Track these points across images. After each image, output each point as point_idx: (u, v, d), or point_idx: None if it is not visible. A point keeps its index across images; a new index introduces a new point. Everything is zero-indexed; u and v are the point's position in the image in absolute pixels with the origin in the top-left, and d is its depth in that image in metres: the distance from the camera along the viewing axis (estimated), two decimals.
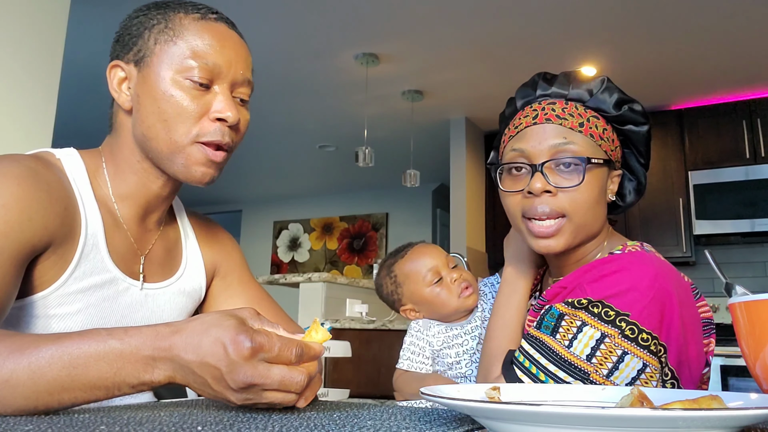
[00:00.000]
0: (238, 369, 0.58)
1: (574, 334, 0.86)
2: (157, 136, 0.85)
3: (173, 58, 0.84)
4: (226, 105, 0.85)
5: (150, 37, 0.86)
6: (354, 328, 3.15)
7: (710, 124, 4.20)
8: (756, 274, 4.18)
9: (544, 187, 0.92)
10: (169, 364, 0.61)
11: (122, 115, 0.90)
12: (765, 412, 0.42)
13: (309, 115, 4.87)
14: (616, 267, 0.89)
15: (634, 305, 0.85)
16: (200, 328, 0.60)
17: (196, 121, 0.84)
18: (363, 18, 3.41)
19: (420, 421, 0.59)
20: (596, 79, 0.98)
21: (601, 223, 0.98)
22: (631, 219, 4.29)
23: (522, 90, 1.02)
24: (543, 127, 0.95)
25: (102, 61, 4.02)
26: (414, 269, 1.20)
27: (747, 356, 0.62)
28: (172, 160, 0.85)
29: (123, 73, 0.88)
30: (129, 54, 0.88)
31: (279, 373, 0.59)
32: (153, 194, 0.92)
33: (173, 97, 0.83)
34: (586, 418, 0.43)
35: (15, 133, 2.31)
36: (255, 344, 0.58)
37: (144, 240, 0.94)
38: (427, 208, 6.85)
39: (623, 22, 3.38)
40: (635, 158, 1.02)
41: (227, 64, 0.86)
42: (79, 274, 0.83)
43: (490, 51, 3.75)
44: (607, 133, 0.96)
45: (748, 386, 3.28)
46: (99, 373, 0.60)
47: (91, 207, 0.86)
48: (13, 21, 2.29)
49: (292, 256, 7.56)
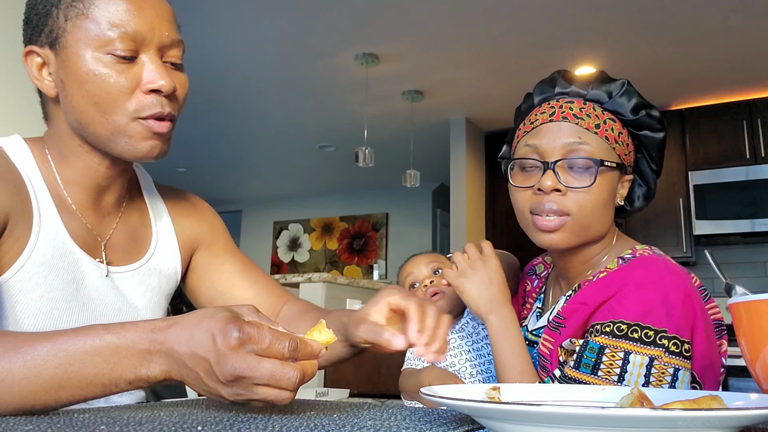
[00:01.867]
0: (225, 360, 0.56)
1: (620, 366, 0.84)
2: (92, 121, 0.80)
3: (88, 34, 0.77)
4: (158, 74, 0.78)
5: (59, 14, 0.79)
6: None
7: (711, 124, 4.20)
8: (756, 274, 4.17)
9: (555, 186, 0.91)
10: (164, 358, 0.59)
11: (51, 102, 0.85)
12: (765, 412, 0.42)
13: (309, 115, 4.87)
14: (640, 279, 0.87)
15: (670, 319, 0.84)
16: (194, 320, 0.59)
17: (129, 97, 0.78)
18: (363, 18, 3.41)
19: (420, 421, 0.59)
20: (617, 82, 0.97)
21: (607, 225, 0.97)
22: (631, 219, 4.28)
23: (540, 86, 1.02)
24: (559, 125, 0.94)
25: None
26: (401, 277, 1.27)
27: (747, 356, 0.62)
28: (115, 141, 0.80)
29: (40, 58, 0.82)
30: (41, 36, 0.81)
31: (269, 367, 0.56)
32: (101, 176, 0.87)
33: (99, 76, 0.77)
34: (586, 418, 0.43)
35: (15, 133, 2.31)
36: (243, 335, 0.56)
37: (103, 225, 0.91)
38: (427, 208, 6.85)
39: (623, 22, 3.38)
40: (647, 164, 1.02)
41: (149, 28, 0.78)
42: (39, 257, 0.81)
43: (490, 51, 3.75)
44: (622, 136, 0.96)
45: (748, 386, 3.28)
46: (95, 369, 0.59)
47: (41, 191, 0.84)
48: (13, 21, 2.29)
49: (292, 257, 7.56)
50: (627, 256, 0.95)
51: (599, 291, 0.91)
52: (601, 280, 0.93)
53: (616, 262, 0.96)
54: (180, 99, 0.84)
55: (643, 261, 0.92)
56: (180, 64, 0.84)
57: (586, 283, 0.97)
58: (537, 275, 1.17)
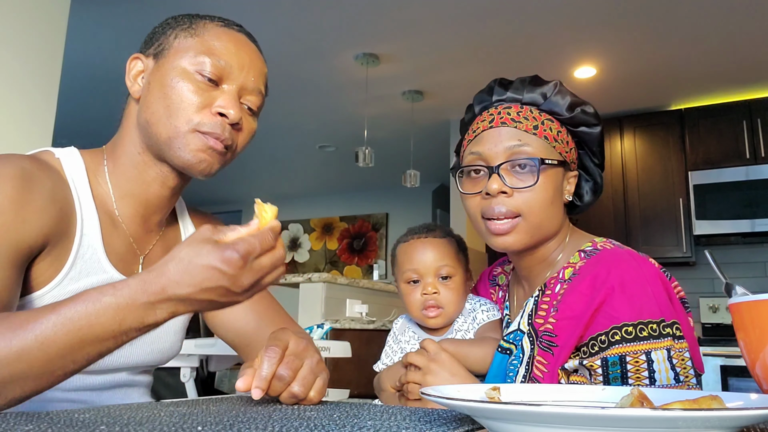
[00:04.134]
0: (240, 278, 0.64)
1: (648, 369, 0.85)
2: (158, 121, 0.86)
3: (188, 52, 0.87)
4: (229, 102, 0.86)
5: (172, 33, 0.90)
6: (354, 329, 3.15)
7: (710, 124, 4.20)
8: (756, 274, 4.17)
9: (500, 188, 0.94)
10: (168, 304, 0.64)
11: (132, 105, 0.92)
12: (765, 412, 0.42)
13: (309, 115, 4.87)
14: (620, 278, 0.89)
15: (661, 308, 0.87)
16: (184, 260, 0.64)
17: (197, 112, 0.85)
18: (363, 18, 3.41)
19: (420, 421, 0.59)
20: (550, 83, 1.01)
21: (557, 222, 1.00)
22: (631, 219, 4.29)
23: (479, 96, 1.05)
24: (499, 130, 0.98)
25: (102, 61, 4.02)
26: (402, 259, 1.16)
27: (747, 356, 0.62)
28: (170, 145, 0.86)
29: (141, 65, 0.91)
30: (150, 48, 0.91)
31: (268, 259, 0.66)
32: (153, 194, 0.92)
33: (180, 85, 0.86)
34: (586, 418, 0.43)
35: (15, 134, 2.31)
36: (242, 252, 0.63)
37: (144, 241, 0.94)
38: (427, 208, 6.85)
39: (623, 22, 3.38)
40: (590, 159, 1.05)
41: (239, 66, 0.88)
42: (75, 275, 0.83)
43: (490, 51, 3.75)
44: (561, 135, 1.00)
45: (748, 386, 3.28)
46: (103, 327, 0.63)
47: (88, 207, 0.87)
48: (13, 21, 2.29)
49: (292, 257, 7.57)
50: (588, 249, 0.98)
51: (581, 301, 0.92)
52: (576, 283, 0.94)
53: (578, 256, 0.98)
54: (242, 137, 0.91)
55: (609, 255, 0.94)
56: (255, 112, 0.93)
57: (552, 282, 0.99)
58: (499, 285, 1.18)
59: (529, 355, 0.96)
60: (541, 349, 0.95)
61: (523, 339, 0.99)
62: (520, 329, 1.00)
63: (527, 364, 0.96)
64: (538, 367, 0.94)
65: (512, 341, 1.01)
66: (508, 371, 0.99)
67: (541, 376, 0.93)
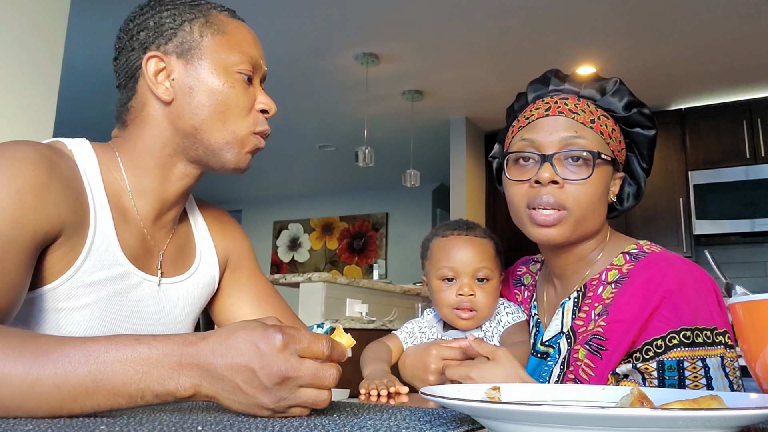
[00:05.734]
0: (272, 362, 0.57)
1: (705, 375, 0.84)
2: (212, 128, 0.86)
3: (220, 52, 0.87)
4: (267, 98, 0.91)
5: (192, 29, 0.88)
6: (354, 328, 3.15)
7: (710, 124, 4.20)
8: (756, 274, 4.18)
9: (552, 177, 0.91)
10: (195, 371, 0.59)
11: (152, 107, 0.88)
12: (765, 412, 0.42)
13: (309, 115, 4.87)
14: (677, 282, 0.87)
15: (713, 315, 0.86)
16: (226, 332, 0.60)
17: (248, 113, 0.89)
18: (363, 18, 3.41)
19: (420, 421, 0.59)
20: (609, 80, 0.98)
21: (600, 221, 0.97)
22: (631, 219, 4.29)
23: (533, 85, 1.03)
24: (555, 119, 0.95)
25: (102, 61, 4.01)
26: (438, 254, 1.11)
27: (747, 356, 0.62)
28: (225, 150, 0.88)
29: (162, 63, 0.87)
30: (168, 45, 0.87)
31: (312, 365, 0.59)
32: (173, 191, 0.91)
33: (231, 90, 0.87)
34: (586, 418, 0.43)
35: (15, 134, 2.31)
36: (286, 336, 0.58)
37: (159, 237, 0.94)
38: (427, 208, 6.85)
39: (623, 22, 3.38)
40: (638, 162, 1.02)
41: (261, 56, 0.92)
42: (89, 267, 0.82)
43: (490, 51, 3.75)
44: (615, 133, 0.97)
45: (748, 386, 3.28)
46: (124, 379, 0.58)
47: (100, 200, 0.85)
48: (13, 21, 2.29)
49: (292, 256, 7.57)
50: (634, 252, 0.95)
51: (633, 303, 0.89)
52: (627, 286, 0.91)
53: (622, 258, 0.95)
54: None
55: (661, 258, 0.92)
56: None
57: (594, 283, 0.96)
58: (524, 285, 1.16)
59: (565, 356, 0.94)
60: (589, 352, 0.91)
61: (560, 340, 0.97)
62: (562, 331, 0.98)
63: (562, 365, 0.94)
64: (585, 371, 0.91)
65: (551, 344, 0.99)
66: (542, 372, 0.98)
67: (588, 380, 0.90)
